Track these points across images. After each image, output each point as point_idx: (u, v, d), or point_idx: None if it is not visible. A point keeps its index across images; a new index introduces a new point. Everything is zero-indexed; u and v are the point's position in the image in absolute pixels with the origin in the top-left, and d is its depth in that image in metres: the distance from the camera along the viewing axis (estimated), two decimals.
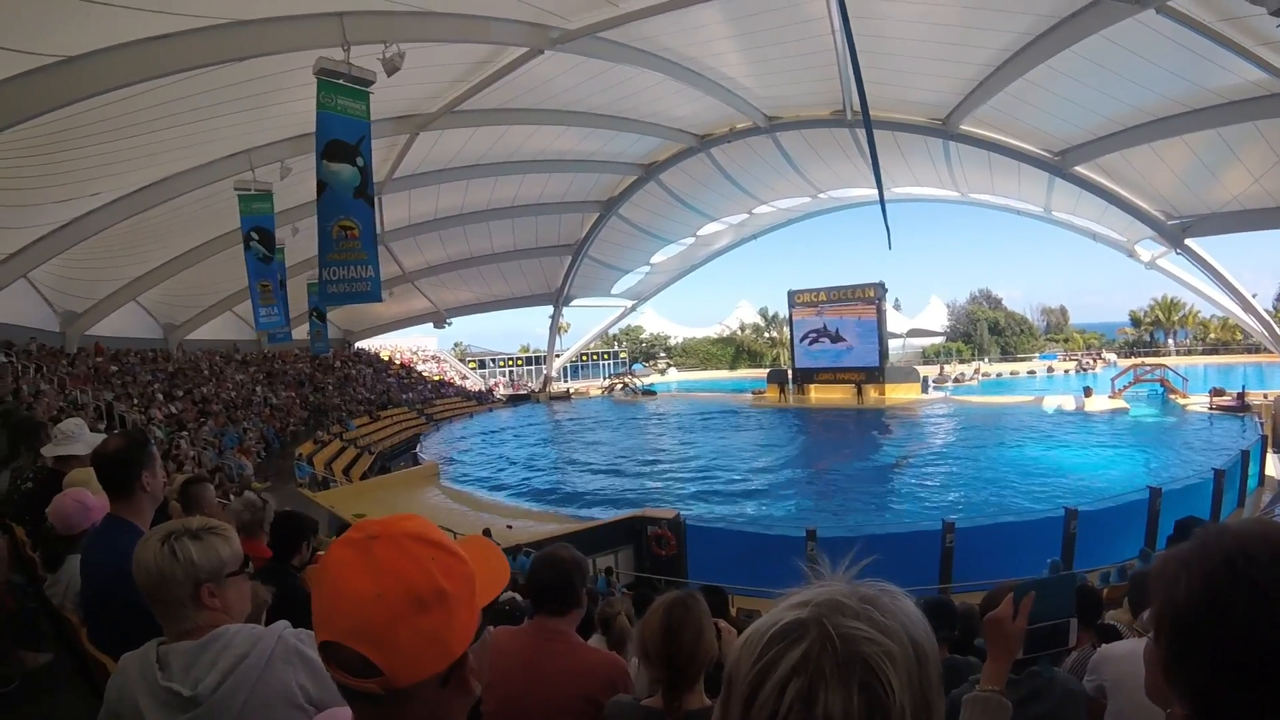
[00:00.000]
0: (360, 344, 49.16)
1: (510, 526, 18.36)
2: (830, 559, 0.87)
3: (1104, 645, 3.39)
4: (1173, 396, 37.49)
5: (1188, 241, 26.62)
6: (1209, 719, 1.02)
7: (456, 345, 68.58)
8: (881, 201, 16.04)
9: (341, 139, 11.73)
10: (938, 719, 0.76)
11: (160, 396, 25.72)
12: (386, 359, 50.44)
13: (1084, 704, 2.88)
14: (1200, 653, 1.02)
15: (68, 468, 4.34)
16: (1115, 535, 15.24)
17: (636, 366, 68.61)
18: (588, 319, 59.10)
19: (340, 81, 11.74)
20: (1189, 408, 34.39)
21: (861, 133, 27.63)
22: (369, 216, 12.18)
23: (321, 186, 11.58)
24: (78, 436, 4.56)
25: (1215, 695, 1.01)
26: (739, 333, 74.56)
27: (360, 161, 11.88)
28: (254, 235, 17.89)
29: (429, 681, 1.04)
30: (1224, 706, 1.00)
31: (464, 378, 56.73)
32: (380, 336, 50.64)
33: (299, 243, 23.72)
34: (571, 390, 58.00)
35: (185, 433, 22.33)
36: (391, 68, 13.41)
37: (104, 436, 4.21)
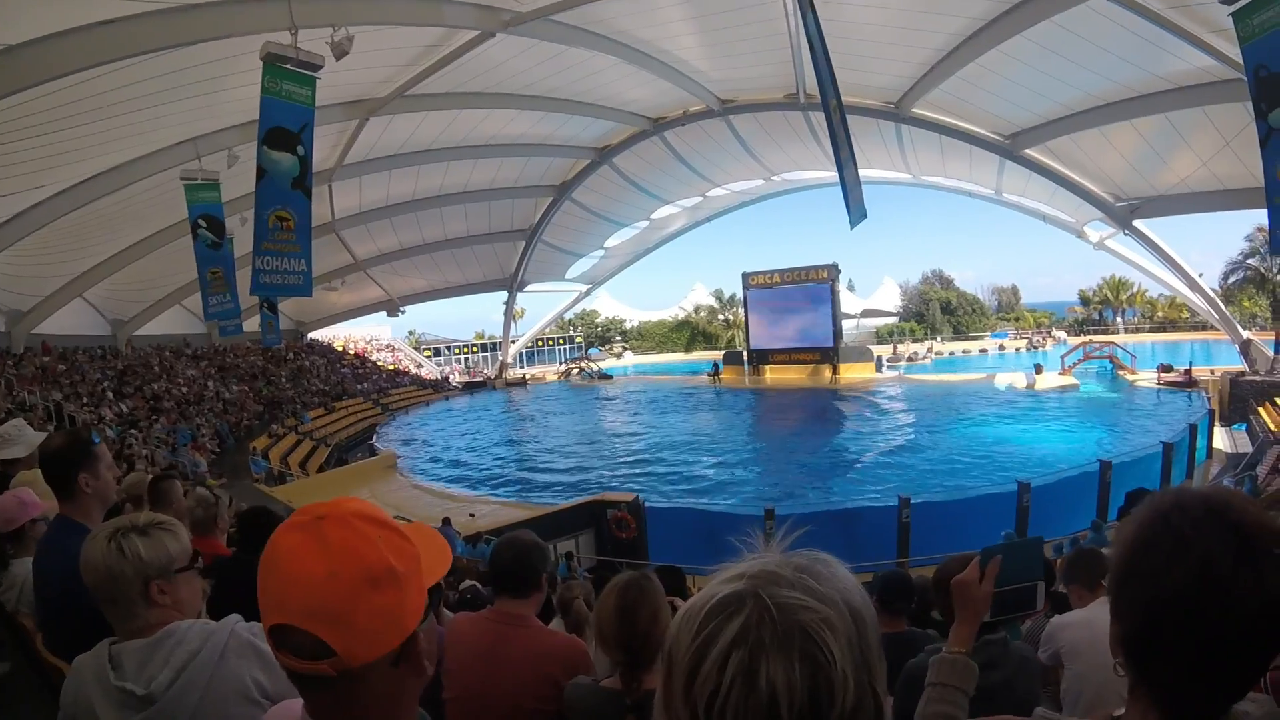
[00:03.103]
0: (313, 335, 48.54)
1: (473, 515, 18.28)
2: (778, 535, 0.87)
3: (1057, 615, 3.45)
4: (1122, 373, 38.31)
5: (1135, 223, 27.11)
6: (1135, 666, 1.05)
7: (411, 334, 68.13)
8: (842, 180, 16.06)
9: (284, 126, 11.52)
10: (879, 683, 0.76)
11: (110, 395, 25.25)
12: (340, 349, 49.94)
13: (1038, 671, 2.94)
14: (1127, 597, 1.04)
15: (14, 470, 4.25)
16: (1067, 508, 15.60)
17: (592, 351, 68.55)
18: (542, 304, 58.97)
19: (288, 66, 11.53)
20: (1137, 384, 35.18)
21: (815, 115, 27.85)
22: (305, 208, 11.97)
23: (261, 173, 11.37)
24: (17, 439, 4.46)
25: (1136, 643, 1.03)
26: (694, 315, 74.76)
27: (301, 150, 11.66)
28: (202, 222, 17.52)
29: (381, 661, 1.04)
30: (1144, 654, 1.03)
31: (419, 366, 56.31)
32: (333, 326, 49.97)
33: (248, 233, 23.20)
34: (528, 376, 57.84)
35: (137, 431, 21.93)
36: (340, 51, 13.19)
37: (45, 435, 4.12)
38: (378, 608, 1.02)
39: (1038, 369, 37.79)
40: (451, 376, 56.66)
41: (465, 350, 67.62)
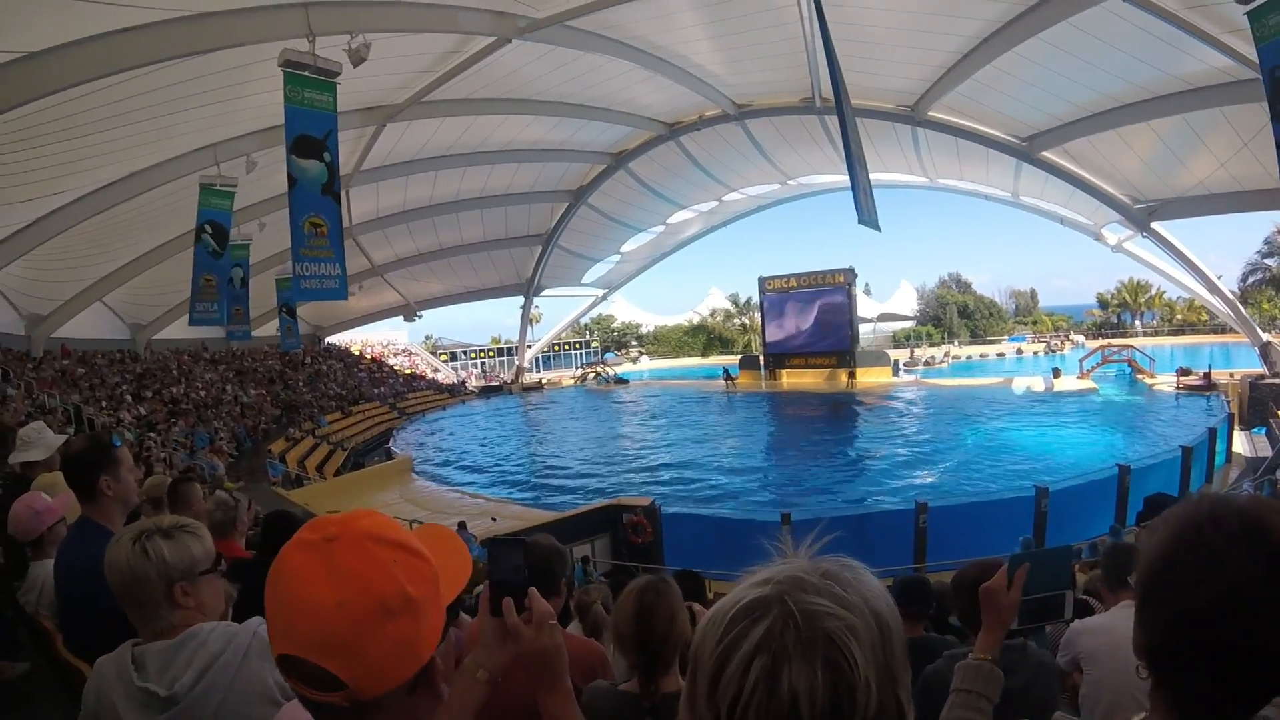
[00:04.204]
0: (330, 339, 48.77)
1: (495, 520, 18.28)
2: (799, 540, 0.87)
3: (1077, 620, 3.43)
4: (1140, 376, 38.01)
5: (1154, 225, 26.95)
6: (1156, 672, 1.05)
7: (427, 338, 68.27)
8: (854, 184, 16.03)
9: (309, 133, 11.64)
10: (903, 691, 0.75)
11: (129, 398, 25.41)
12: (357, 354, 50.08)
13: (1056, 676, 2.92)
14: (1153, 605, 1.03)
15: (34, 473, 4.29)
16: (1086, 513, 15.47)
17: (609, 355, 68.48)
18: (559, 309, 58.96)
19: (306, 74, 11.64)
20: (1156, 387, 34.89)
21: (831, 119, 27.80)
22: (336, 214, 12.11)
23: (292, 181, 11.52)
24: (37, 441, 4.51)
25: (1161, 652, 1.02)
26: (710, 319, 74.63)
27: (327, 157, 11.81)
28: (207, 228, 17.75)
29: (396, 691, 1.00)
30: (1166, 664, 1.02)
31: (435, 370, 56.41)
32: (350, 331, 50.15)
33: (265, 238, 23.46)
34: (544, 380, 57.89)
35: (155, 434, 22.05)
36: (357, 59, 13.29)
37: (65, 438, 4.16)
38: (391, 639, 0.97)
39: (1056, 373, 37.60)
40: (468, 381, 56.74)
41: (482, 355, 67.70)
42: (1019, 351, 58.59)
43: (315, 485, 23.54)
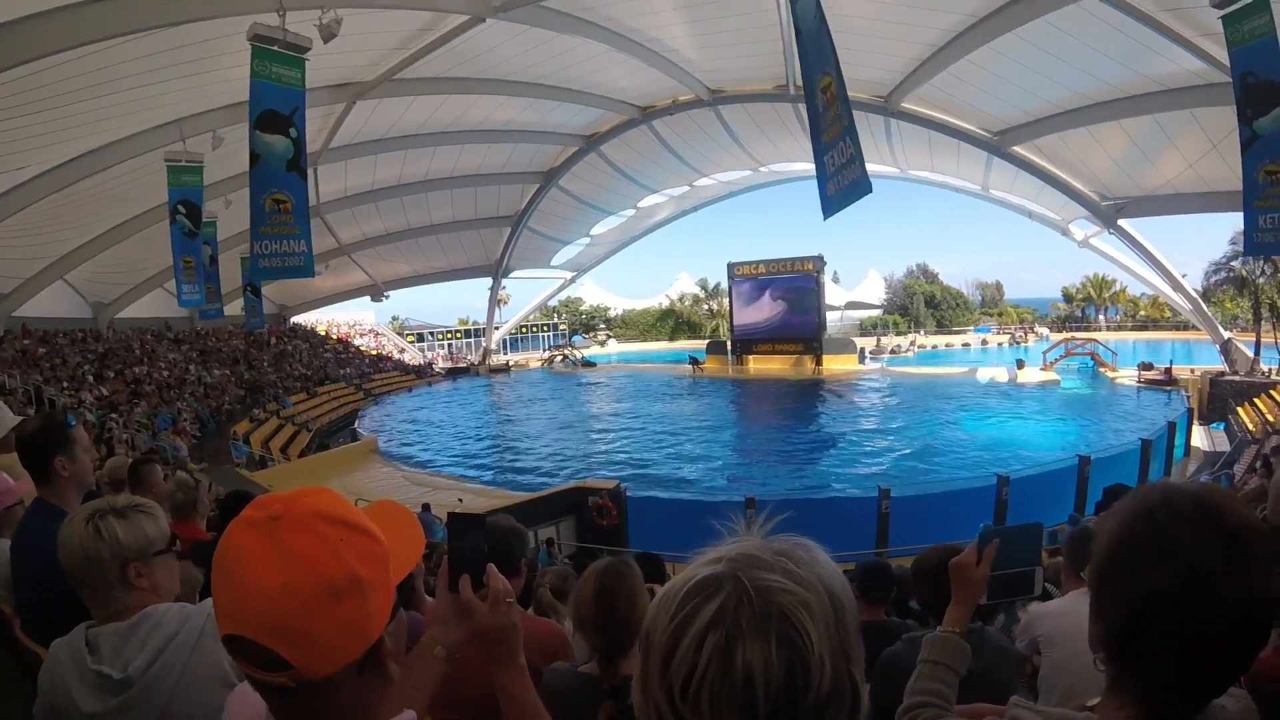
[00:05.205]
0: (296, 319, 48.20)
1: (461, 500, 18.21)
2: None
3: (1035, 604, 3.48)
4: (1102, 370, 38.57)
5: (1120, 222, 27.35)
6: (1116, 662, 1.05)
7: (395, 319, 67.71)
8: (820, 163, 16.00)
9: (275, 109, 11.45)
10: (856, 668, 0.75)
11: (91, 378, 25.04)
12: (323, 334, 49.60)
13: (1014, 660, 2.96)
14: (1110, 594, 1.04)
15: None
16: (1046, 501, 15.67)
17: (576, 338, 68.34)
18: (527, 291, 58.80)
19: (275, 48, 11.44)
20: (1118, 381, 35.40)
21: (804, 108, 27.80)
22: (302, 190, 11.93)
23: (254, 158, 11.31)
24: None
25: (1120, 638, 1.03)
26: (679, 304, 74.72)
27: (294, 133, 11.61)
28: (181, 209, 17.41)
29: (344, 670, 0.98)
30: (1126, 650, 1.03)
31: (402, 351, 55.99)
32: (316, 311, 49.55)
33: (231, 215, 23.08)
34: (511, 362, 57.67)
35: (117, 415, 21.75)
36: (328, 34, 13.09)
37: (21, 419, 4.09)
38: (339, 620, 0.95)
39: (1020, 364, 38.05)
40: (435, 362, 56.35)
41: (449, 336, 67.24)
42: (984, 342, 59.32)
43: (279, 467, 23.38)
